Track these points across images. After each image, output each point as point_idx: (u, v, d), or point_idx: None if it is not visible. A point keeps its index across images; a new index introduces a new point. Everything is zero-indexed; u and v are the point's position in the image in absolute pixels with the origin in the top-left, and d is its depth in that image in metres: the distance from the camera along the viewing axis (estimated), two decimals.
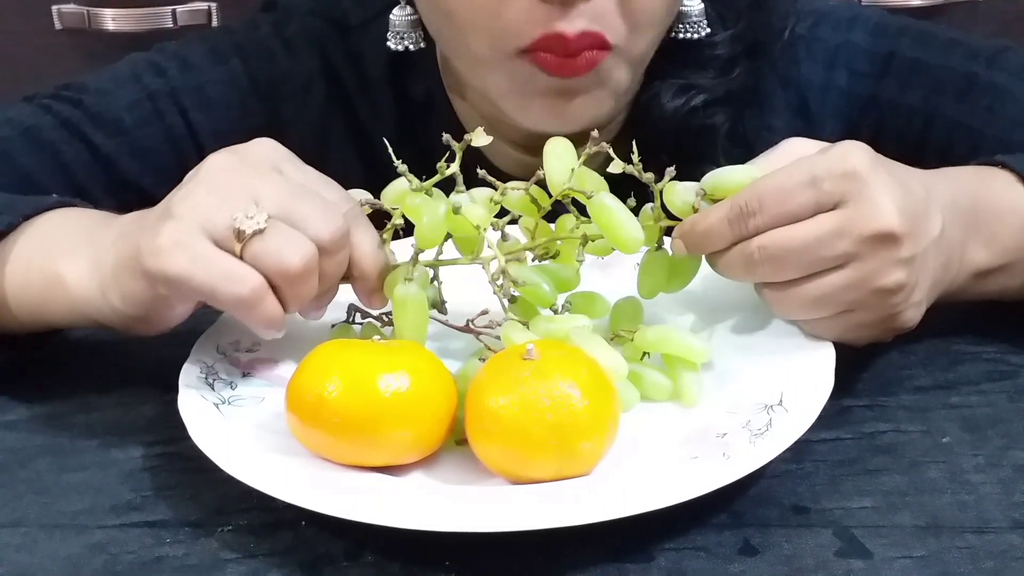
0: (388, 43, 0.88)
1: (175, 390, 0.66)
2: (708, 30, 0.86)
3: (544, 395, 0.58)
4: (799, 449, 0.61)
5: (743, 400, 0.64)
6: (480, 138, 0.67)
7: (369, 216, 0.69)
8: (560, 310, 0.69)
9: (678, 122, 0.86)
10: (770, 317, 0.70)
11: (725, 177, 0.67)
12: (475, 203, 0.67)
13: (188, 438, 0.62)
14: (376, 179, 0.71)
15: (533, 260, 0.70)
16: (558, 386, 0.59)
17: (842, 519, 0.60)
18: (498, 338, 0.68)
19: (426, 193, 0.68)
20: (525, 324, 0.67)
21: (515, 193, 0.69)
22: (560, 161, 0.67)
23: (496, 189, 0.68)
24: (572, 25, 0.74)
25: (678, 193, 0.68)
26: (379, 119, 0.92)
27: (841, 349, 0.67)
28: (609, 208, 0.66)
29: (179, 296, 0.64)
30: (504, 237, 0.69)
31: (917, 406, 0.69)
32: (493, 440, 0.60)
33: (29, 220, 0.73)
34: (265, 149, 0.67)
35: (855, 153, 0.64)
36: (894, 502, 0.61)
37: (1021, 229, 0.73)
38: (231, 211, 0.62)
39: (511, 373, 0.60)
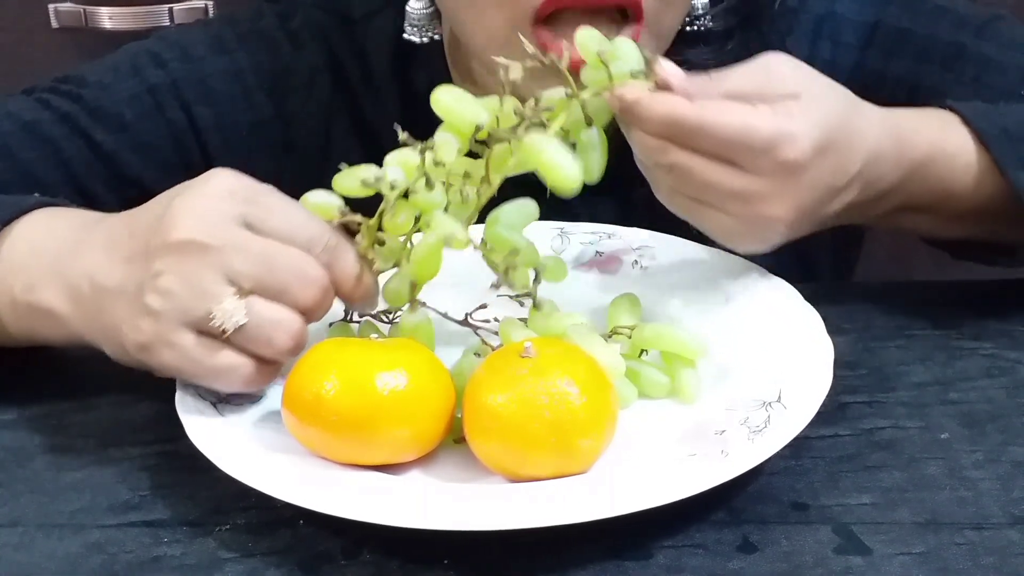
0: (407, 36, 0.87)
1: (172, 389, 0.66)
2: (710, 24, 0.85)
3: (542, 393, 0.58)
4: (798, 446, 0.61)
5: (741, 397, 0.64)
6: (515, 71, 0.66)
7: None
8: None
9: None
10: (769, 315, 0.70)
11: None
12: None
13: (185, 437, 0.62)
14: None
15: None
16: (556, 384, 0.58)
17: (841, 516, 0.60)
18: (496, 333, 0.68)
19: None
20: (523, 321, 0.67)
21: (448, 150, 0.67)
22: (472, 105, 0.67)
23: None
24: None
25: (615, 55, 0.67)
26: (383, 112, 0.92)
27: (840, 347, 0.67)
28: (540, 149, 0.65)
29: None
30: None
31: (915, 402, 0.69)
32: (491, 438, 0.60)
33: (9, 226, 0.71)
34: (224, 200, 0.62)
35: (804, 142, 0.65)
36: (893, 498, 0.61)
37: (952, 172, 0.74)
38: (206, 302, 0.60)
39: (509, 371, 0.60)
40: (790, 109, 0.65)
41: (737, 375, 0.67)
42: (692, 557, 0.57)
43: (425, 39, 0.87)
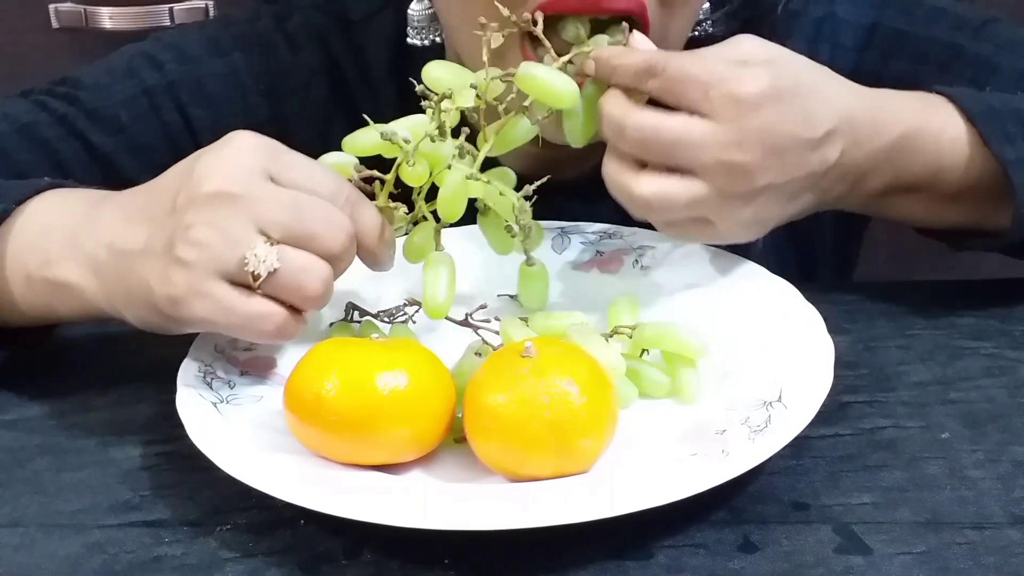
0: (409, 40, 0.87)
1: (173, 389, 0.66)
2: (711, 29, 0.85)
3: (543, 392, 0.58)
4: (798, 445, 0.61)
5: (742, 397, 0.64)
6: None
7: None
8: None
9: None
10: (769, 314, 0.70)
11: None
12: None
13: (186, 437, 0.62)
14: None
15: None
16: (556, 383, 0.58)
17: (842, 515, 0.60)
18: (496, 332, 0.68)
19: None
20: (524, 320, 0.67)
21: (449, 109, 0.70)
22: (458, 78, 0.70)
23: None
24: None
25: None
26: (381, 114, 0.91)
27: (840, 346, 0.67)
28: (533, 76, 0.68)
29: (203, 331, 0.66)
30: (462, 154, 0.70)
31: (916, 402, 0.69)
32: (492, 438, 0.60)
33: (22, 205, 0.72)
34: (248, 154, 0.64)
35: (752, 81, 0.66)
36: (894, 498, 0.61)
37: (939, 152, 0.75)
38: (239, 249, 0.62)
39: (509, 371, 0.60)
40: (751, 61, 0.68)
41: (738, 375, 0.67)
42: (693, 557, 0.57)
43: (426, 42, 0.87)
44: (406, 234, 0.72)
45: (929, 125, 0.74)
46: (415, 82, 0.70)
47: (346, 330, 0.71)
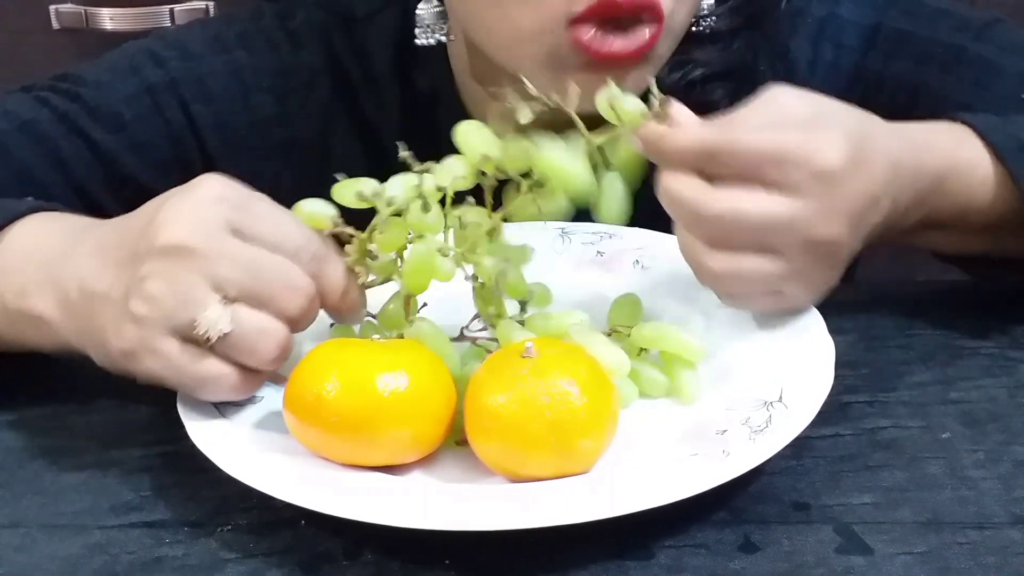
0: (417, 40, 0.86)
1: (174, 390, 0.66)
2: (714, 19, 0.85)
3: (543, 393, 0.58)
4: (799, 445, 0.61)
5: (743, 397, 0.64)
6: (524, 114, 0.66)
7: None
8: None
9: (676, 97, 0.86)
10: (770, 314, 0.70)
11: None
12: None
13: (187, 438, 0.62)
14: (380, 173, 0.70)
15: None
16: (557, 384, 0.58)
17: (842, 515, 0.59)
18: (494, 340, 0.68)
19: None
20: (521, 323, 0.67)
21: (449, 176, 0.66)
22: (479, 138, 0.66)
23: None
24: None
25: (624, 100, 0.67)
26: (384, 113, 0.92)
27: (841, 346, 0.67)
28: (550, 156, 0.65)
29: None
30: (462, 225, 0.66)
31: (917, 402, 0.69)
32: (492, 438, 0.60)
33: (2, 231, 0.71)
34: (212, 205, 0.62)
35: (836, 151, 0.63)
36: (894, 498, 0.61)
37: (969, 187, 0.73)
38: (192, 309, 0.60)
39: (510, 371, 0.60)
40: (814, 124, 0.64)
41: (738, 375, 0.67)
42: (693, 557, 0.57)
43: (432, 40, 0.86)
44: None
45: (960, 164, 0.73)
46: (402, 147, 0.66)
47: (346, 331, 0.71)
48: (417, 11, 0.86)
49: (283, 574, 0.57)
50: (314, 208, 0.66)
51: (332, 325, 0.72)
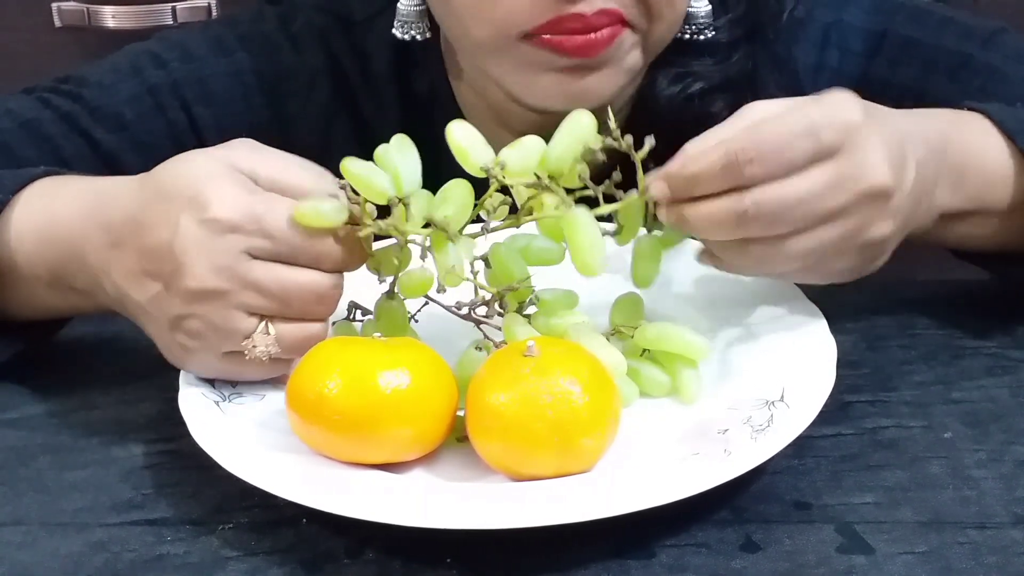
0: (394, 31, 0.87)
1: (175, 388, 0.66)
2: (713, 32, 0.85)
3: (545, 392, 0.58)
4: (800, 445, 0.61)
5: (744, 396, 0.64)
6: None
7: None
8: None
9: (675, 110, 0.86)
10: (772, 314, 0.70)
11: None
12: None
13: (189, 436, 0.62)
14: None
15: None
16: (559, 383, 0.58)
17: (844, 515, 0.59)
18: (498, 328, 0.68)
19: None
20: (527, 317, 0.67)
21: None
22: (570, 139, 0.66)
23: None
24: (590, 5, 0.73)
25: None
26: (383, 114, 0.92)
27: (842, 345, 0.67)
28: (578, 224, 0.65)
29: None
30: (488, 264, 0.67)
31: (918, 401, 0.69)
32: (494, 437, 0.60)
33: (18, 195, 0.73)
34: (226, 232, 0.62)
35: (849, 103, 0.64)
36: (896, 498, 0.61)
37: (987, 175, 0.74)
38: (236, 337, 0.63)
39: (512, 370, 0.60)
40: (813, 98, 0.65)
41: (740, 374, 0.67)
42: (695, 556, 0.57)
43: (416, 36, 0.87)
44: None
45: (969, 135, 0.74)
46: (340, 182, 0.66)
47: (348, 329, 0.71)
48: (399, 4, 0.87)
49: (285, 572, 0.57)
50: (324, 210, 0.64)
51: (333, 323, 0.72)
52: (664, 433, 0.64)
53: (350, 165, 0.65)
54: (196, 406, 0.64)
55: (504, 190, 0.67)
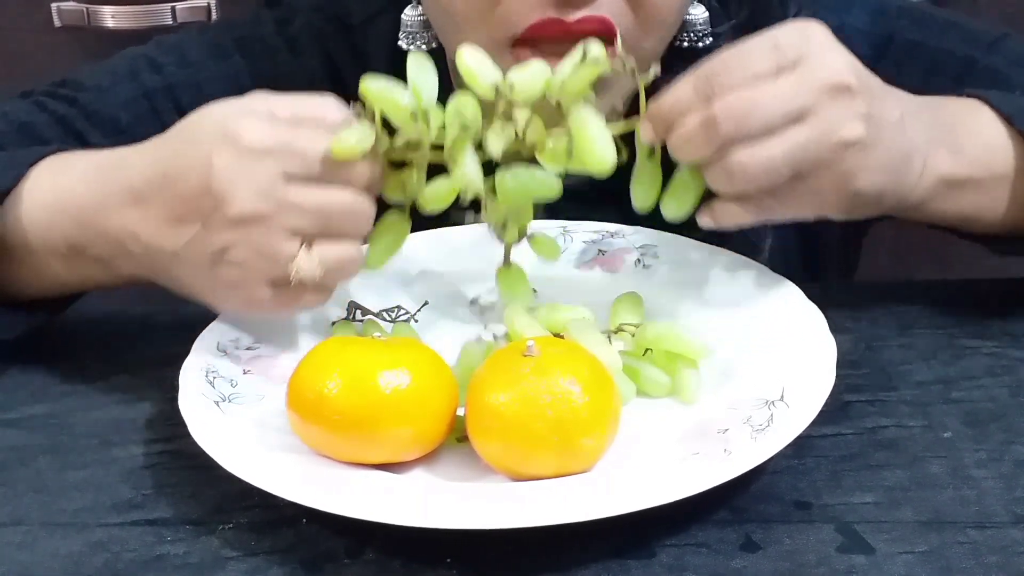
0: (400, 43, 0.86)
1: (176, 388, 0.66)
2: (711, 40, 0.85)
3: (545, 391, 0.58)
4: (800, 445, 0.61)
5: (744, 396, 0.64)
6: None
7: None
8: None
9: None
10: (772, 313, 0.70)
11: None
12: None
13: (189, 436, 0.62)
14: None
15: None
16: (559, 382, 0.58)
17: (844, 514, 0.59)
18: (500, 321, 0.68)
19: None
20: (530, 311, 0.67)
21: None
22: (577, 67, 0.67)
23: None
24: (573, 15, 0.74)
25: None
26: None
27: (842, 345, 0.67)
28: (587, 122, 0.66)
29: None
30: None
31: (918, 401, 0.69)
32: (494, 437, 0.60)
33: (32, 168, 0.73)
34: (262, 158, 0.64)
35: (814, 24, 0.66)
36: (896, 497, 0.61)
37: (989, 145, 0.75)
38: (280, 261, 0.64)
39: (511, 370, 0.60)
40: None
41: (740, 374, 0.67)
42: (695, 556, 0.57)
43: (422, 46, 0.86)
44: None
45: (966, 107, 0.75)
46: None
47: (348, 329, 0.71)
48: (403, 15, 0.86)
49: (285, 572, 0.57)
50: (355, 139, 0.66)
51: (333, 323, 0.72)
52: (664, 433, 0.64)
53: (370, 83, 0.67)
54: (196, 406, 0.64)
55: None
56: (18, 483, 0.66)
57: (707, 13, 0.85)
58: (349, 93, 0.91)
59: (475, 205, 0.68)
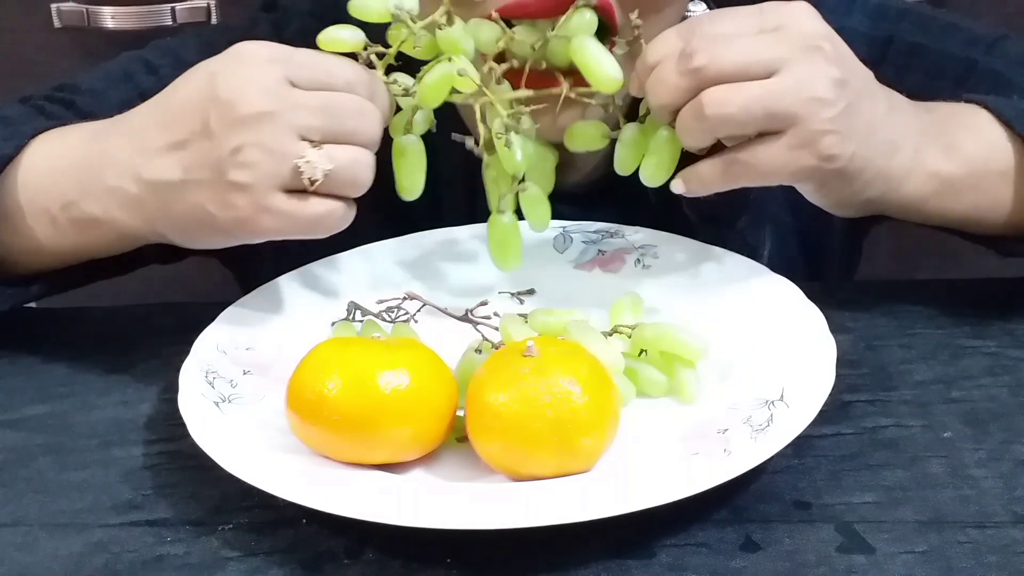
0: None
1: (175, 388, 0.66)
2: None
3: (544, 391, 0.58)
4: (800, 444, 0.61)
5: (744, 396, 0.64)
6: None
7: None
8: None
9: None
10: (771, 313, 0.70)
11: None
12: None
13: (188, 436, 0.62)
14: (376, 179, 0.70)
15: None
16: (558, 382, 0.58)
17: (844, 514, 0.59)
18: (496, 329, 0.68)
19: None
20: (523, 317, 0.67)
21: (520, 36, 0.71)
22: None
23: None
24: None
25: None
26: None
27: (842, 345, 0.67)
28: (587, 47, 0.69)
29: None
30: (499, 81, 0.72)
31: (918, 401, 0.69)
32: (494, 437, 0.60)
33: (29, 144, 0.74)
34: (267, 66, 0.66)
35: (804, 3, 0.68)
36: (896, 497, 0.61)
37: (988, 144, 0.75)
38: (290, 161, 0.65)
39: (511, 370, 0.60)
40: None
41: (739, 373, 0.67)
42: (695, 556, 0.57)
43: None
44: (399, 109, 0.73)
45: (967, 113, 0.75)
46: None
47: (348, 329, 0.71)
48: None
49: (284, 573, 0.57)
50: (343, 36, 0.71)
51: (333, 324, 0.72)
52: (664, 433, 0.64)
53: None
54: (196, 406, 0.64)
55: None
56: (18, 484, 0.66)
57: (704, 6, 0.85)
58: None
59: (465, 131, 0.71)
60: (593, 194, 0.75)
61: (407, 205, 0.74)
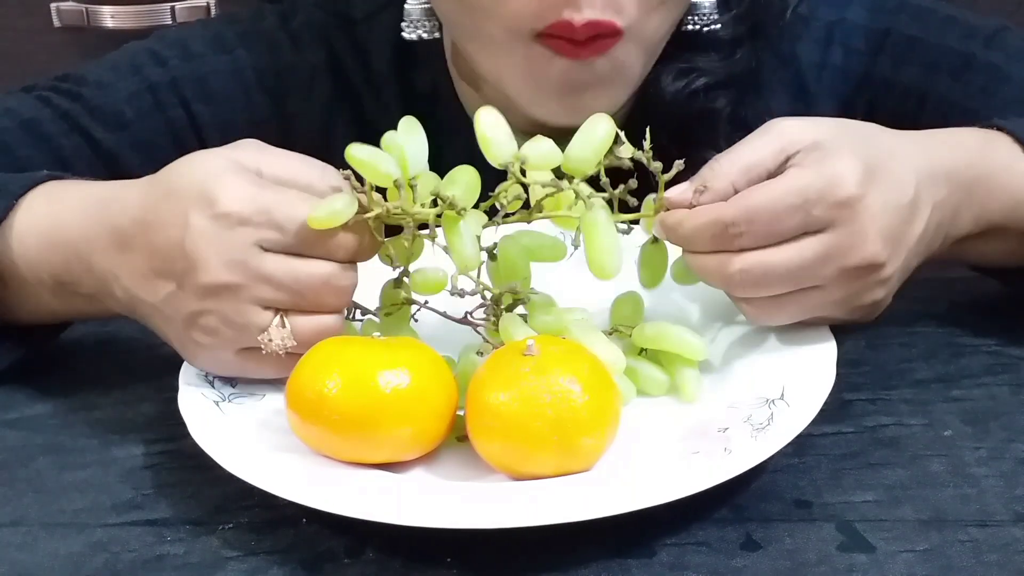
0: (402, 33, 0.86)
1: (175, 388, 0.66)
2: (719, 25, 0.85)
3: (544, 391, 0.58)
4: (801, 443, 0.61)
5: (744, 394, 0.64)
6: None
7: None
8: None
9: (679, 105, 0.85)
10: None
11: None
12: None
13: (188, 436, 0.62)
14: None
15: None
16: (558, 382, 0.58)
17: (844, 513, 0.59)
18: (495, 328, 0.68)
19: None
20: (524, 318, 0.67)
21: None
22: (587, 143, 0.66)
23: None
24: (581, 13, 0.73)
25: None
26: (384, 112, 0.92)
27: (843, 344, 0.67)
28: (598, 226, 0.65)
29: None
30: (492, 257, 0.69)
31: (918, 399, 0.69)
32: (494, 436, 0.60)
33: (22, 199, 0.73)
34: (236, 226, 0.62)
35: (849, 176, 0.63)
36: (896, 496, 0.61)
37: (1012, 196, 0.73)
38: (251, 331, 0.64)
39: (511, 369, 0.60)
40: (819, 156, 0.64)
41: (740, 372, 0.67)
42: (695, 555, 0.57)
43: (414, 36, 0.86)
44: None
45: (996, 159, 0.73)
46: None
47: (348, 329, 0.71)
48: (406, 4, 0.86)
49: (285, 572, 0.57)
50: (337, 208, 0.64)
51: None
52: (664, 432, 0.64)
53: (354, 151, 0.65)
54: (196, 406, 0.64)
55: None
56: (18, 483, 0.66)
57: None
58: (351, 87, 0.92)
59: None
60: None
61: None
